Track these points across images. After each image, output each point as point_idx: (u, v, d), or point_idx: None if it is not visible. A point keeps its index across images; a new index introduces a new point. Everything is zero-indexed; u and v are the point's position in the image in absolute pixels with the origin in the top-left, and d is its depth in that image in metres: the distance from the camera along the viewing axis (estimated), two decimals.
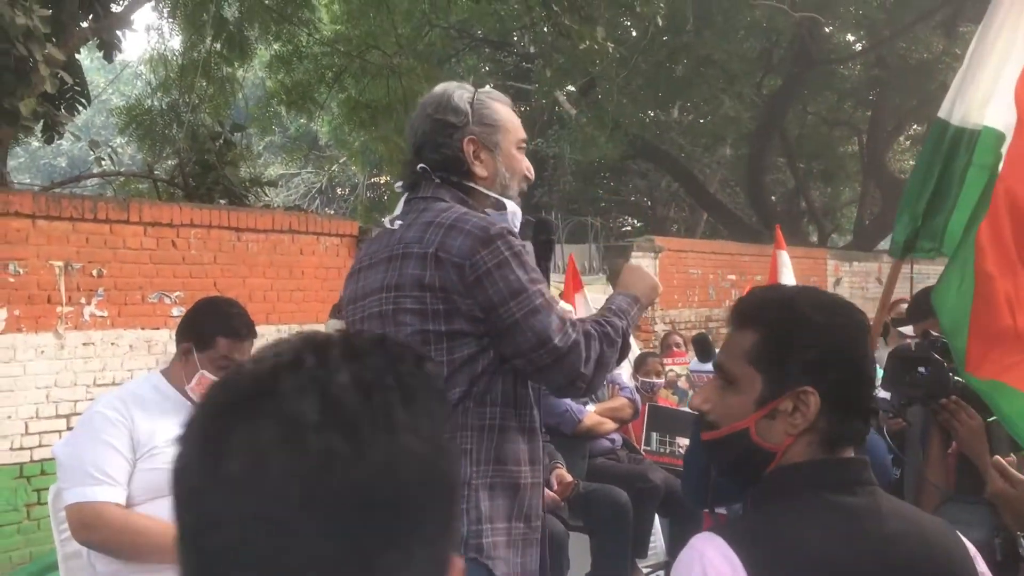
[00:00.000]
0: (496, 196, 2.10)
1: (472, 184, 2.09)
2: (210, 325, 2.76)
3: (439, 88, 2.18)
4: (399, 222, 2.07)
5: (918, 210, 2.34)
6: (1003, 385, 2.04)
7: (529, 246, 2.06)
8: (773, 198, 20.53)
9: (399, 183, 2.21)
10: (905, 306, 6.23)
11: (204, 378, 2.71)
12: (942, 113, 2.35)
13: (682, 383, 6.33)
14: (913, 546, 1.32)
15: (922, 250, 2.43)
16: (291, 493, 0.62)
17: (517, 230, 2.08)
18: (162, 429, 2.65)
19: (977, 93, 2.27)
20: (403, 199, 2.16)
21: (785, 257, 7.60)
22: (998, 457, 2.08)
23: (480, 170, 2.09)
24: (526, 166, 2.18)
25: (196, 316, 2.84)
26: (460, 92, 2.12)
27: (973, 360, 2.10)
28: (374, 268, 2.05)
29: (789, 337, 1.41)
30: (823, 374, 1.38)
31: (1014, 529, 2.09)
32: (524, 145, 2.19)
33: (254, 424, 0.64)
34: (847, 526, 1.32)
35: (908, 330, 4.23)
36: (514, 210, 2.12)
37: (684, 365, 6.49)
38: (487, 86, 2.28)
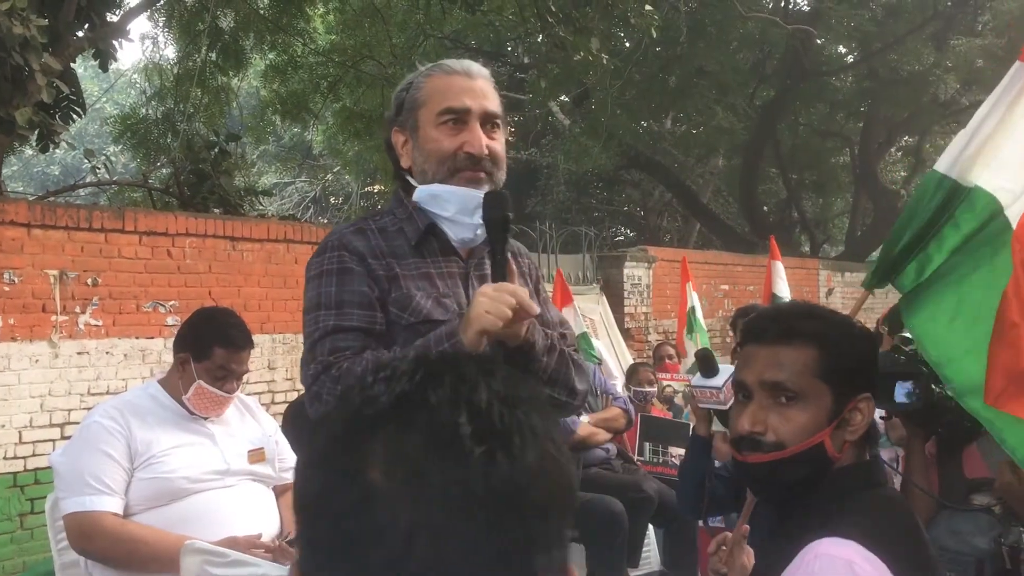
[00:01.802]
0: (413, 182, 1.89)
1: (408, 177, 1.92)
2: (207, 336, 2.78)
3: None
4: None
5: (896, 251, 2.40)
6: (1009, 416, 2.10)
7: (353, 258, 1.83)
8: (765, 208, 20.60)
9: None
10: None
11: (201, 388, 2.73)
12: (939, 167, 2.39)
13: (679, 400, 6.31)
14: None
15: (881, 285, 2.50)
16: (453, 500, 0.64)
17: (450, 213, 1.84)
18: (159, 439, 2.66)
19: (980, 154, 2.30)
20: None
21: (780, 268, 7.64)
22: None
23: (405, 162, 1.91)
24: (459, 143, 1.82)
25: (193, 327, 2.86)
26: (405, 81, 1.95)
27: (992, 392, 2.15)
28: None
29: (850, 349, 1.48)
30: (872, 380, 1.48)
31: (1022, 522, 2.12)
32: (447, 116, 1.83)
33: (407, 436, 0.66)
34: (909, 514, 1.42)
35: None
36: (430, 192, 1.84)
37: (682, 382, 6.43)
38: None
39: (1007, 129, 2.29)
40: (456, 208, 1.84)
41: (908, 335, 2.46)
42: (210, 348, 2.74)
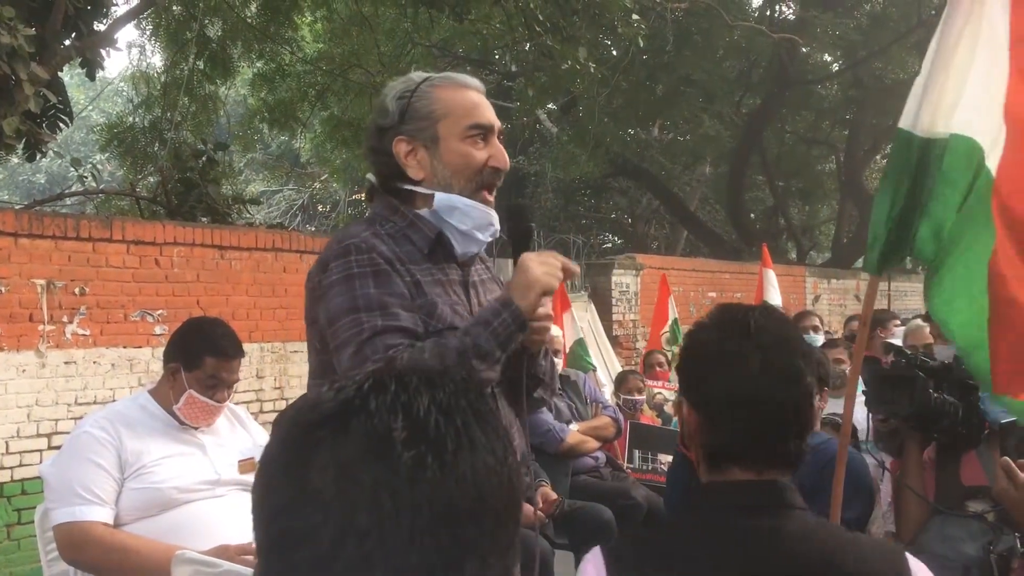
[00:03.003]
0: (429, 192, 1.86)
1: (408, 186, 1.88)
2: (197, 345, 2.78)
3: (388, 85, 1.97)
4: None
5: (890, 224, 2.21)
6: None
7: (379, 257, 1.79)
8: (752, 216, 20.70)
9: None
10: (857, 323, 6.32)
11: (192, 398, 2.73)
12: (903, 123, 2.21)
13: (668, 408, 6.31)
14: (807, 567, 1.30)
15: (896, 262, 2.34)
16: (382, 504, 0.66)
17: (467, 227, 1.87)
18: (149, 449, 2.66)
19: (942, 101, 2.14)
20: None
21: (771, 275, 7.70)
22: (1006, 458, 2.10)
23: (415, 172, 1.86)
24: (487, 156, 1.87)
25: (183, 336, 2.86)
26: (397, 88, 1.90)
27: (1002, 383, 2.02)
28: None
29: None
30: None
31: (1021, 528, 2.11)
32: (476, 132, 1.86)
33: (343, 441, 0.69)
34: (727, 548, 1.32)
35: (896, 340, 4.29)
36: (451, 204, 1.85)
37: (672, 390, 6.41)
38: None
39: (960, 70, 2.12)
40: (473, 224, 1.87)
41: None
42: (200, 358, 2.74)
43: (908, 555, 1.37)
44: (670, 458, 4.75)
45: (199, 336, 2.82)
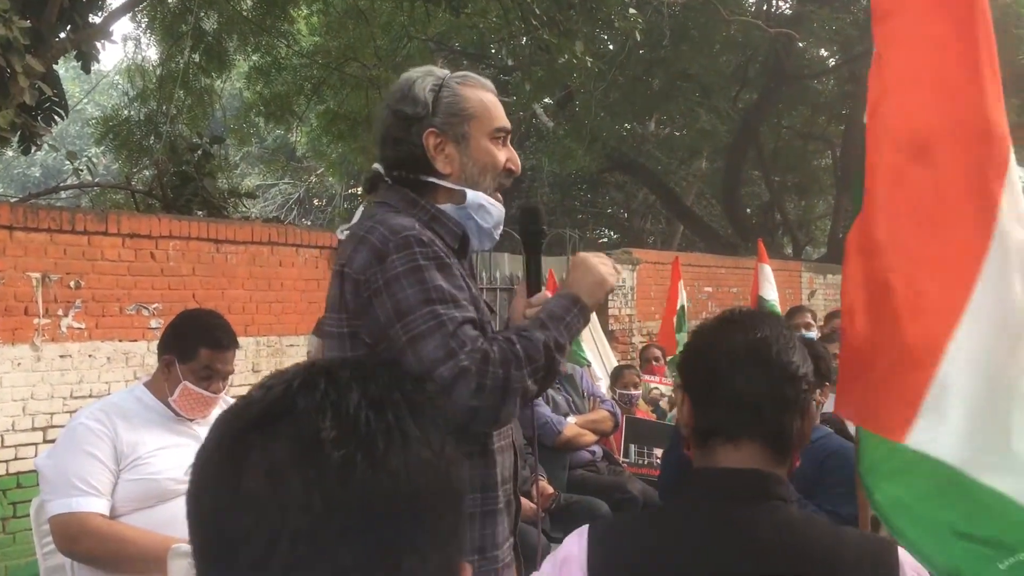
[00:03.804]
0: (458, 188, 1.88)
1: (435, 180, 1.88)
2: (192, 337, 2.78)
3: (404, 76, 1.95)
4: (346, 232, 1.91)
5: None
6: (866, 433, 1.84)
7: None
8: (748, 211, 20.70)
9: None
10: (839, 320, 6.30)
11: (187, 389, 2.73)
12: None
13: (664, 403, 6.33)
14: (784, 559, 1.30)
15: None
16: (313, 505, 0.66)
17: (490, 224, 1.91)
18: (145, 441, 2.66)
19: None
20: (363, 204, 1.99)
21: (767, 271, 7.70)
22: None
23: (443, 166, 1.87)
24: (506, 158, 1.93)
25: (178, 328, 2.86)
26: (424, 80, 1.90)
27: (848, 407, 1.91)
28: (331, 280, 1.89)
29: None
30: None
31: None
32: (502, 134, 1.93)
33: (273, 443, 0.68)
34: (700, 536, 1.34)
35: None
36: (480, 201, 1.88)
37: (668, 385, 6.44)
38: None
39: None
40: (494, 222, 1.92)
41: None
42: (195, 349, 2.74)
43: (900, 550, 1.36)
44: None
45: (193, 327, 2.82)
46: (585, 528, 1.39)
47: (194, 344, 2.75)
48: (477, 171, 1.88)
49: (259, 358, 6.81)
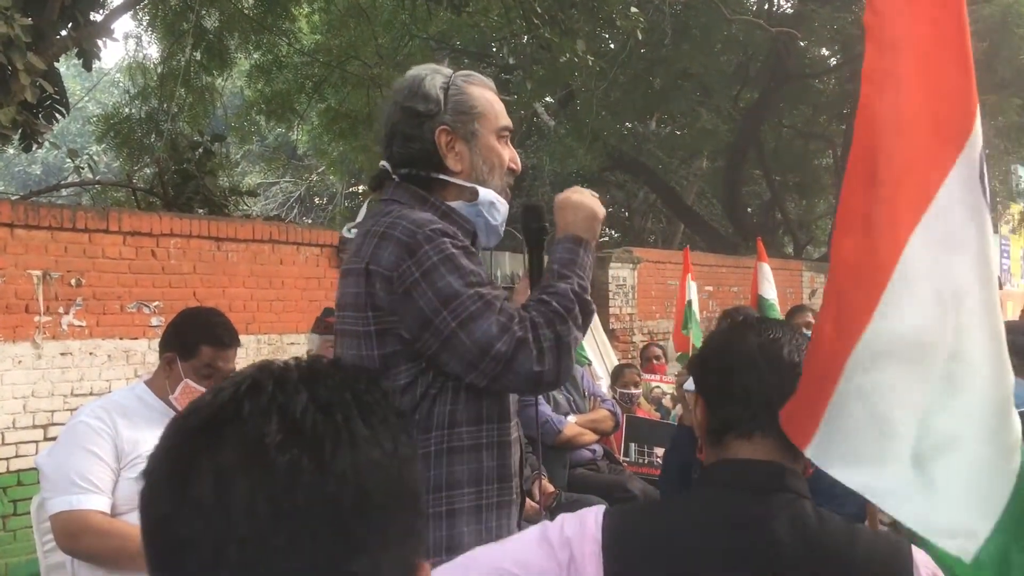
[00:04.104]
0: (469, 185, 1.90)
1: (445, 177, 1.89)
2: (193, 334, 2.78)
3: (411, 73, 1.96)
4: (355, 230, 1.91)
5: None
6: None
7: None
8: (749, 210, 20.70)
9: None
10: (803, 315, 6.28)
11: (188, 387, 2.73)
12: None
13: (666, 401, 6.31)
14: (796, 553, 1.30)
15: None
16: (259, 511, 0.65)
17: (498, 221, 1.93)
18: (146, 439, 2.65)
19: None
20: (367, 202, 2.01)
21: (767, 270, 7.68)
22: None
23: (454, 163, 1.88)
24: (510, 157, 1.97)
25: (179, 326, 2.85)
26: (433, 77, 1.91)
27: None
28: (343, 279, 1.88)
29: None
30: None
31: None
32: (507, 133, 1.97)
33: (219, 448, 0.68)
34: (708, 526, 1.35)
35: None
36: (491, 199, 1.91)
37: (670, 384, 6.41)
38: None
39: None
40: (501, 219, 1.94)
41: None
42: (197, 347, 2.74)
43: (914, 548, 1.36)
44: None
45: (195, 325, 2.82)
46: (601, 507, 1.41)
47: (196, 342, 2.75)
48: (487, 169, 1.91)
49: (260, 356, 6.81)
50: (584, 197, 1.93)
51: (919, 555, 1.35)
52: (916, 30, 1.58)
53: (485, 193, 1.90)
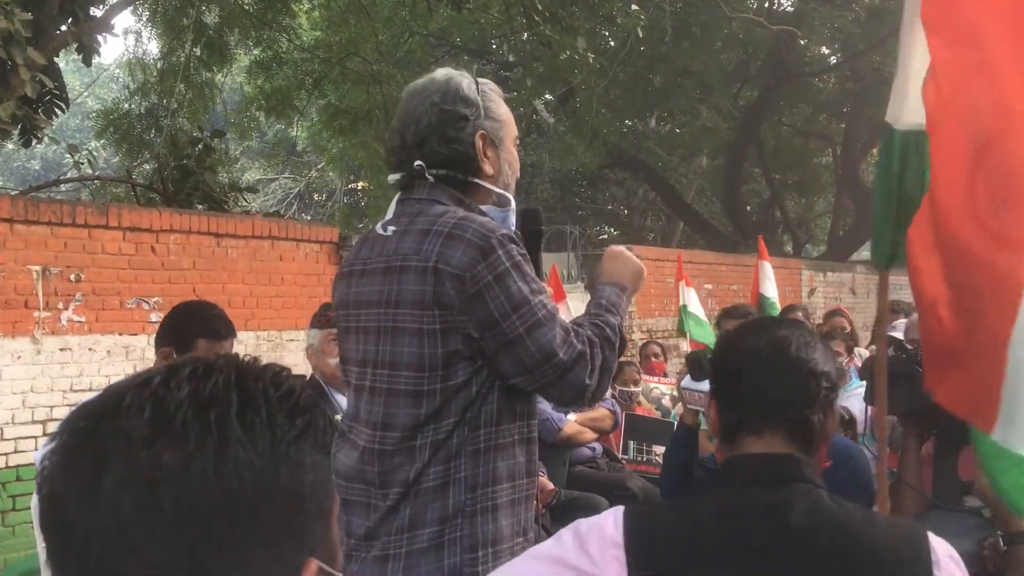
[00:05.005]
0: (499, 191, 1.97)
1: (478, 181, 1.95)
2: (189, 327, 2.77)
3: (440, 75, 1.98)
4: (392, 228, 1.90)
5: (891, 220, 2.20)
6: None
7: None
8: (748, 208, 20.71)
9: (393, 176, 1.99)
10: (839, 319, 6.29)
11: None
12: (888, 118, 2.24)
13: (666, 402, 6.30)
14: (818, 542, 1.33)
15: (903, 259, 2.23)
16: (124, 504, 0.66)
17: (514, 227, 1.99)
18: None
19: (909, 91, 2.14)
20: (395, 200, 1.97)
21: (768, 268, 7.68)
22: None
23: (488, 167, 1.95)
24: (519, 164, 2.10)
25: (175, 320, 2.85)
26: (469, 82, 1.97)
27: (933, 385, 1.96)
28: (369, 277, 1.89)
29: None
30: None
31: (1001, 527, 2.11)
32: (517, 141, 2.08)
33: (101, 439, 0.69)
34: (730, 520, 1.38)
35: (898, 333, 4.27)
36: (513, 205, 2.01)
37: (669, 384, 6.39)
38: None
39: (923, 58, 2.08)
40: (514, 223, 2.02)
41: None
42: (193, 340, 2.73)
43: (931, 535, 1.39)
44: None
45: (190, 319, 2.81)
46: (619, 508, 1.41)
47: (192, 335, 2.74)
48: (511, 174, 2.01)
49: (259, 352, 6.79)
50: (634, 256, 2.13)
51: (936, 541, 1.37)
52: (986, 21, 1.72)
53: (510, 198, 1.99)
